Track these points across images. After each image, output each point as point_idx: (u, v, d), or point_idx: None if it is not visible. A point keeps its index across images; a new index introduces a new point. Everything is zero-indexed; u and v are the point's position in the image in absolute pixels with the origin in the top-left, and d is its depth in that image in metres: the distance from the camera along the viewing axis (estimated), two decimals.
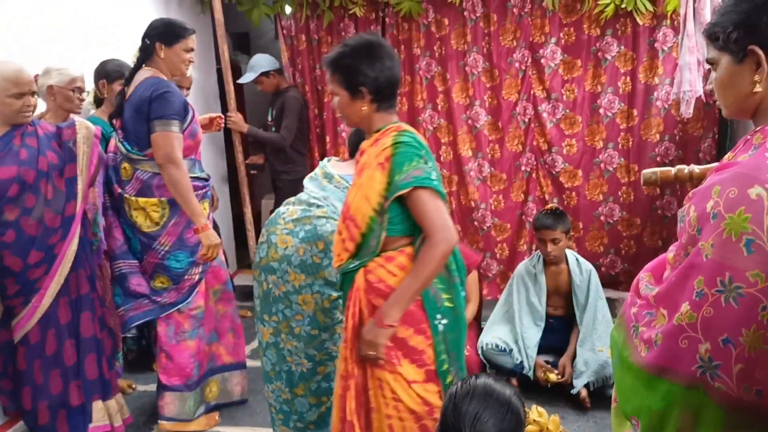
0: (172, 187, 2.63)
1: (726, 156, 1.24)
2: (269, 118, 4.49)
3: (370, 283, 1.87)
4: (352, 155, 2.73)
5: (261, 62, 4.42)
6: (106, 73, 3.14)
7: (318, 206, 2.44)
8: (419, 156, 1.81)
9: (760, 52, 1.10)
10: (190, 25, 2.78)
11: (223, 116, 3.17)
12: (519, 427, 1.47)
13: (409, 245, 1.88)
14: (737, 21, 1.12)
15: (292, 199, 2.59)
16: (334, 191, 2.47)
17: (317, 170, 2.59)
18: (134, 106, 2.64)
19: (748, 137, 1.17)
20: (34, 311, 2.51)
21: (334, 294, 2.36)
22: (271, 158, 4.46)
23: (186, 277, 2.78)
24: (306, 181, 2.59)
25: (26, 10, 3.01)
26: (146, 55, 2.71)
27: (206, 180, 2.89)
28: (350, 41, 1.92)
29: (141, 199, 2.71)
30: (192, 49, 2.74)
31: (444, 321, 1.89)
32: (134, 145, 2.69)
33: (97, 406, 2.70)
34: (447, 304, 1.90)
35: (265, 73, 4.40)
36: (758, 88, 1.13)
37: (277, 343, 2.48)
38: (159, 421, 2.90)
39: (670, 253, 1.32)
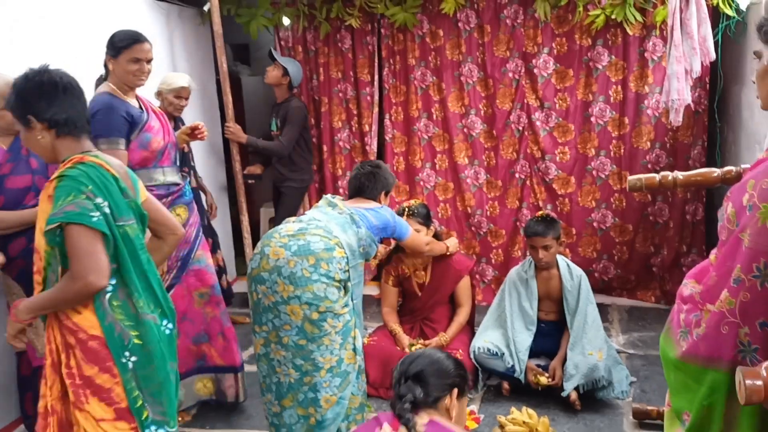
0: None
1: (762, 154, 1.31)
2: (273, 128, 4.47)
3: (60, 320, 1.88)
4: (350, 197, 2.87)
5: (292, 67, 4.39)
6: None
7: (316, 226, 2.53)
8: (80, 191, 1.78)
9: None
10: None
11: (202, 124, 3.11)
12: (444, 377, 1.79)
13: None
14: None
15: (292, 218, 2.70)
16: (336, 217, 2.60)
17: (321, 201, 2.76)
18: None
19: None
20: None
21: (323, 306, 2.41)
22: (278, 166, 4.46)
23: None
24: (310, 211, 2.73)
25: (24, 21, 3.07)
26: (105, 69, 2.75)
27: (176, 185, 2.89)
28: (20, 76, 1.92)
29: None
30: (139, 60, 2.68)
31: (133, 358, 1.90)
32: None
33: None
34: (136, 341, 1.90)
35: (285, 72, 4.34)
36: None
37: (267, 353, 2.52)
38: None
39: (712, 255, 1.38)
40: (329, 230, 2.52)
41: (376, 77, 4.59)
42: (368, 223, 2.65)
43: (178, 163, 2.98)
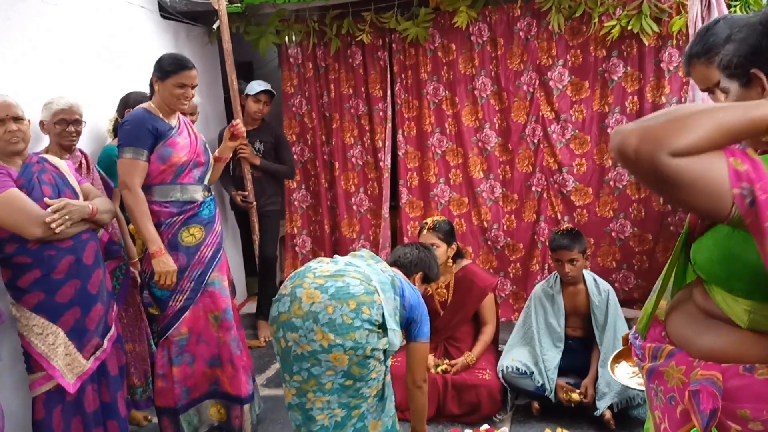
0: (128, 211, 2.76)
1: None
2: (254, 151, 4.35)
3: None
4: (390, 264, 2.67)
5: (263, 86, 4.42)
6: (129, 103, 3.19)
7: (355, 271, 2.34)
8: None
9: (762, 75, 1.11)
10: (193, 61, 2.83)
11: (238, 121, 3.14)
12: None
13: None
14: (740, 47, 1.15)
15: (326, 258, 2.52)
16: (378, 272, 2.41)
17: (363, 251, 2.59)
18: None
19: None
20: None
21: (370, 347, 2.23)
22: (258, 190, 4.36)
23: (170, 303, 2.82)
24: (346, 257, 2.54)
25: (34, 38, 3.04)
26: (150, 88, 2.86)
27: (190, 203, 2.84)
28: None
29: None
30: (185, 85, 2.78)
31: None
32: None
33: None
34: None
35: (271, 95, 4.42)
36: None
37: (302, 404, 2.32)
38: None
39: None
40: (368, 278, 2.31)
41: (389, 92, 4.54)
42: (402, 295, 2.41)
43: (205, 182, 2.95)
